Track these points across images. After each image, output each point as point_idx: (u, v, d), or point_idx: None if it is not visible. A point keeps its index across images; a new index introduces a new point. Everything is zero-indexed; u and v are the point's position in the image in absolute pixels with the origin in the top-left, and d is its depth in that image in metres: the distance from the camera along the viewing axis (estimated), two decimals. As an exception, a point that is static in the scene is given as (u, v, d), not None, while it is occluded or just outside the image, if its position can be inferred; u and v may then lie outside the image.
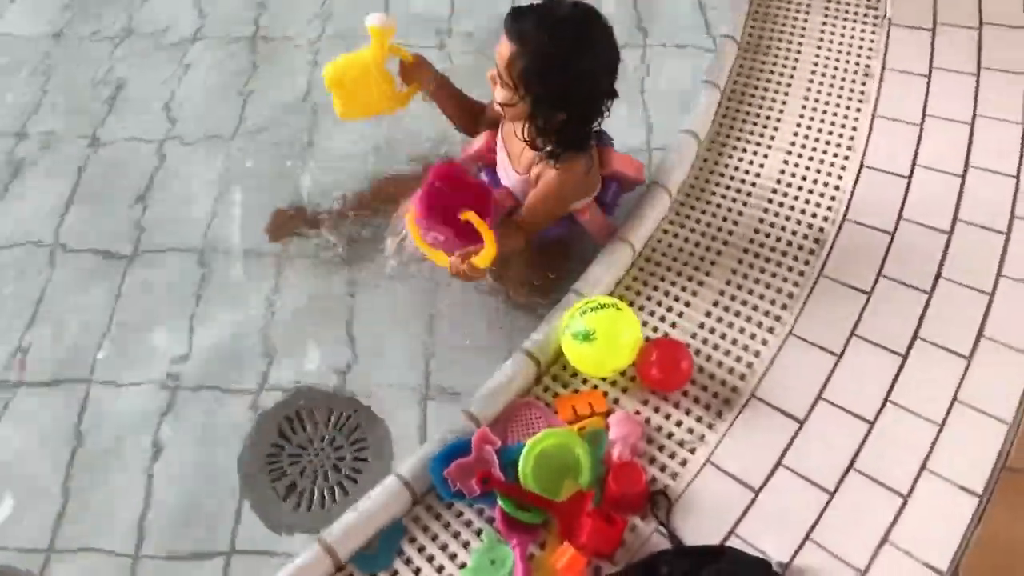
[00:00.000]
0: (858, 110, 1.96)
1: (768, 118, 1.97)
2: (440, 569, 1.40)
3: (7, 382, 1.79)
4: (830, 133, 1.93)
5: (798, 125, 1.95)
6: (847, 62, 2.05)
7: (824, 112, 1.96)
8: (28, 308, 1.90)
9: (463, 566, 1.39)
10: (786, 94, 2.01)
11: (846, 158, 1.88)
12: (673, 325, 1.66)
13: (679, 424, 1.53)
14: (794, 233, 1.77)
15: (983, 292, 1.64)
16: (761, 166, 1.89)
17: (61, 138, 2.21)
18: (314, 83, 2.25)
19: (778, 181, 1.86)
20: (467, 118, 1.89)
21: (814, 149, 1.90)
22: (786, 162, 1.89)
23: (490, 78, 1.62)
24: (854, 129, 1.92)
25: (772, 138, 1.93)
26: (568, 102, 1.58)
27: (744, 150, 1.92)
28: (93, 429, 1.73)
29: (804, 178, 1.86)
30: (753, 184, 1.86)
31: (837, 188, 1.83)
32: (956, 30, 2.08)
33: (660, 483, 1.46)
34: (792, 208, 1.81)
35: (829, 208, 1.80)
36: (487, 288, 1.86)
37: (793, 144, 1.92)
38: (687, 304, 1.69)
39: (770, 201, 1.83)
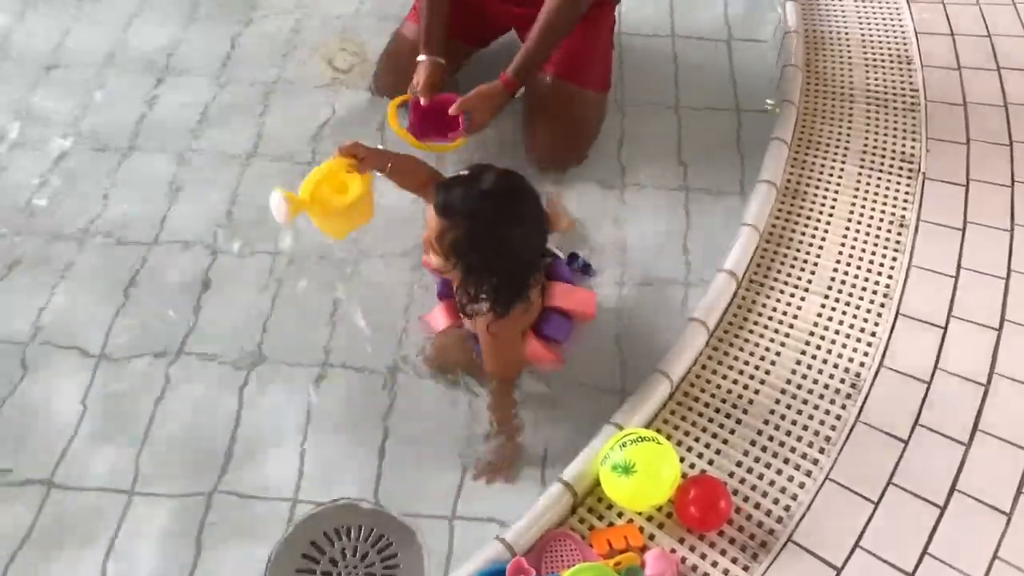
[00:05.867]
0: (894, 259, 2.00)
1: (806, 262, 2.02)
2: None
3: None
4: (866, 280, 1.97)
5: (835, 270, 2.00)
6: (883, 212, 2.12)
7: (860, 259, 2.01)
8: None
9: None
10: (823, 239, 2.07)
11: (882, 305, 1.91)
12: (710, 462, 1.67)
13: (715, 564, 1.52)
14: (831, 377, 1.79)
15: (1022, 448, 1.65)
16: (799, 308, 1.93)
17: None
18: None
19: (815, 324, 1.89)
20: (423, 190, 1.84)
21: (850, 295, 1.94)
22: (823, 306, 1.93)
23: (424, 241, 1.67)
24: (890, 277, 1.97)
25: (809, 281, 1.98)
26: (496, 270, 1.63)
27: (782, 292, 1.97)
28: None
29: (841, 323, 1.89)
30: (791, 326, 1.89)
31: (873, 335, 1.86)
32: (989, 187, 2.15)
33: (695, 625, 1.44)
34: (829, 352, 1.84)
35: (866, 354, 1.83)
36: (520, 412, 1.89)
37: (830, 288, 1.96)
38: (724, 441, 1.70)
39: (807, 343, 1.86)
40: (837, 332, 1.87)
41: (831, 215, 2.12)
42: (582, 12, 2.25)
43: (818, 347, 1.85)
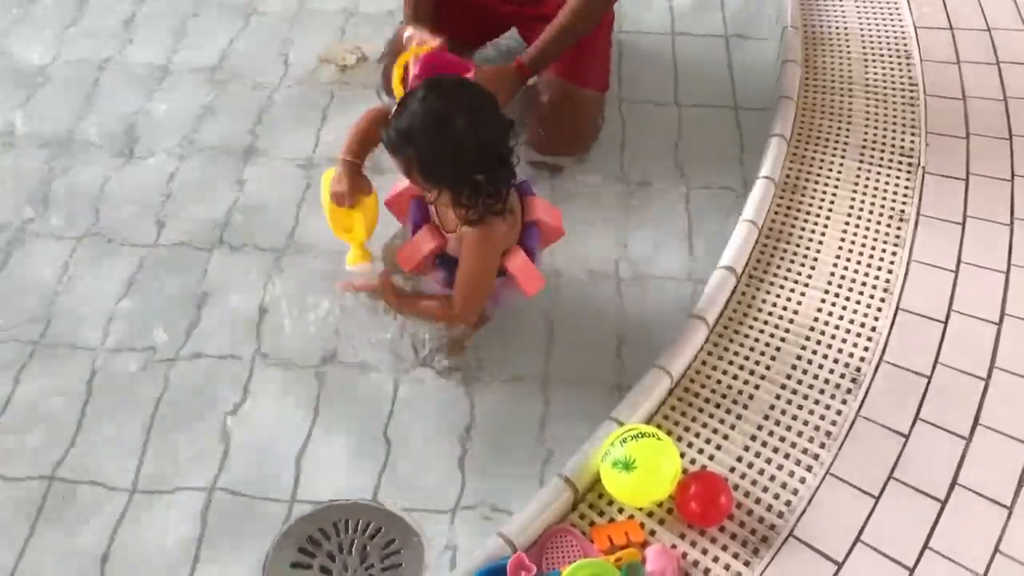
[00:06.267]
0: (894, 254, 2.00)
1: (805, 257, 2.02)
2: None
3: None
4: (866, 275, 1.97)
5: (835, 265, 1.99)
6: (882, 206, 2.11)
7: (860, 254, 2.01)
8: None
9: None
10: (823, 234, 2.06)
11: (882, 300, 1.91)
12: (711, 458, 1.67)
13: (716, 560, 1.52)
14: (831, 371, 1.79)
15: (1022, 442, 1.65)
16: (799, 303, 1.92)
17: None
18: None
19: (815, 319, 1.89)
20: None
21: (851, 289, 1.94)
22: (823, 301, 1.92)
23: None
24: (890, 272, 1.97)
25: (809, 276, 1.98)
26: (473, 167, 1.62)
27: (782, 287, 1.96)
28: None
29: (841, 317, 1.89)
30: (791, 321, 1.89)
31: (874, 329, 1.86)
32: (989, 181, 2.15)
33: (696, 621, 1.44)
34: (829, 347, 1.84)
35: (866, 349, 1.82)
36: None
37: (830, 283, 1.96)
38: (725, 437, 1.70)
39: (807, 338, 1.86)
40: (837, 327, 1.87)
41: (831, 210, 2.12)
42: (600, 16, 2.28)
43: (818, 342, 1.85)
